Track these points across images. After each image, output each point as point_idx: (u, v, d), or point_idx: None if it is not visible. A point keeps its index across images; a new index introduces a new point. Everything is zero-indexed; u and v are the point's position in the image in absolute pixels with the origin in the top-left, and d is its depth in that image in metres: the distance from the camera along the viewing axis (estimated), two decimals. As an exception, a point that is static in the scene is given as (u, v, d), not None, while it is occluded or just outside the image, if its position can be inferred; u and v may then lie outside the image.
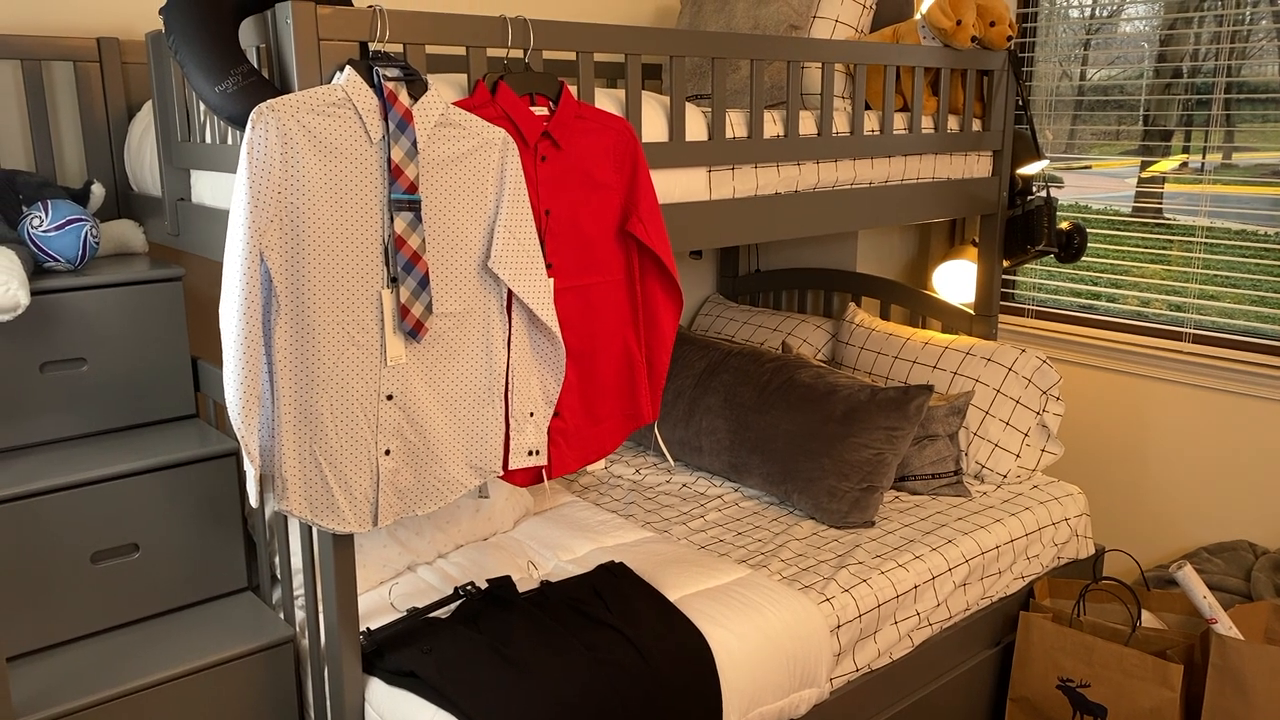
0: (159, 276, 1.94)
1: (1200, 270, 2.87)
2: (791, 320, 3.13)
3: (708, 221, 2.06)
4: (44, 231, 1.83)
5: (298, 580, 1.94)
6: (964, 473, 2.68)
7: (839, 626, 2.01)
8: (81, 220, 1.87)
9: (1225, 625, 2.17)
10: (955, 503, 2.53)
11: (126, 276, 1.90)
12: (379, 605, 1.95)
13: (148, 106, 2.15)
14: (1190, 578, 2.19)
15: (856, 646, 2.07)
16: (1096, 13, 3.06)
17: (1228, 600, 2.54)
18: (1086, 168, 3.12)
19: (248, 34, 1.58)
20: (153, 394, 1.98)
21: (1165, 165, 2.94)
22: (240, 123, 1.47)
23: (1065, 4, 3.11)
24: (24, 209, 1.89)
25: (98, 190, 2.05)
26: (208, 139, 1.78)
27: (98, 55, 2.15)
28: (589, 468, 1.88)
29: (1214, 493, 2.86)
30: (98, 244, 1.91)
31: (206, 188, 1.87)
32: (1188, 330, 2.91)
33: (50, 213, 1.84)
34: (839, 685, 2.06)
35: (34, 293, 1.80)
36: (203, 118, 1.79)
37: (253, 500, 1.49)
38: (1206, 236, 2.85)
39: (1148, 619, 2.40)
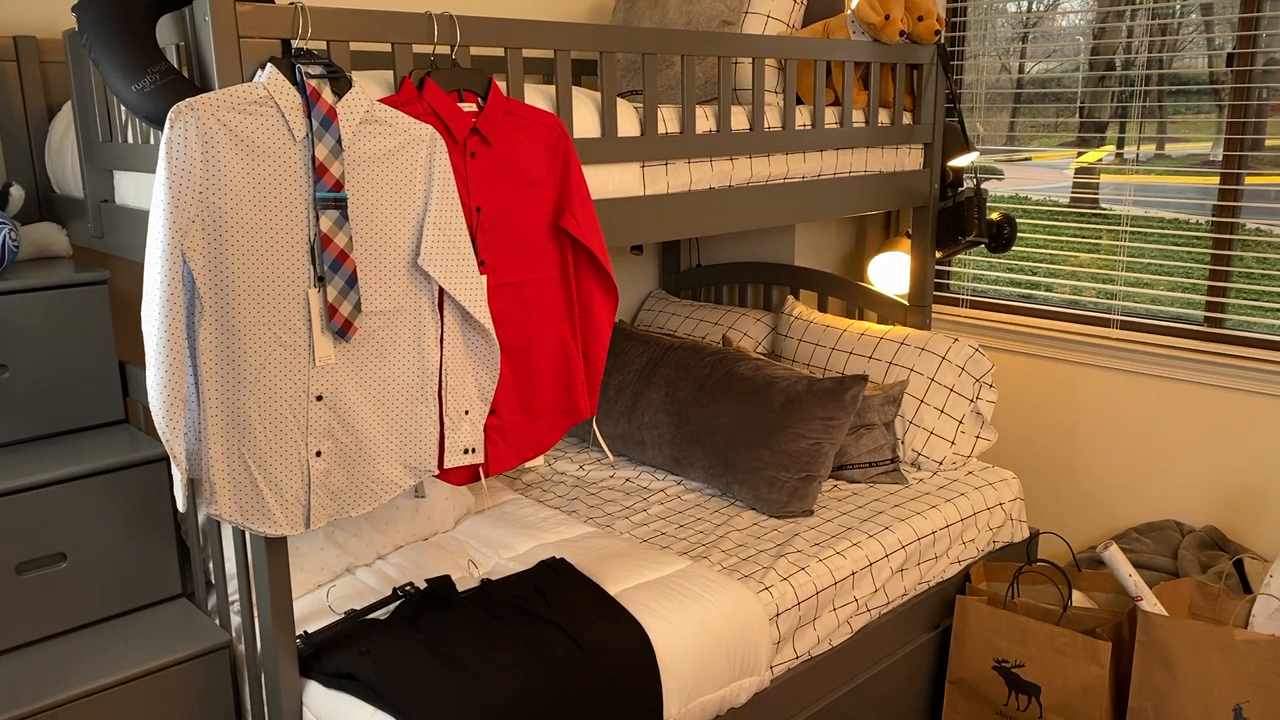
0: (83, 280, 1.90)
1: (1127, 259, 2.95)
2: (732, 314, 3.16)
3: (642, 217, 2.07)
4: (-40, 235, 1.78)
5: (232, 585, 1.92)
6: (900, 460, 2.73)
7: (778, 614, 2.04)
8: (-1, 223, 1.83)
9: (1150, 602, 2.23)
10: (892, 490, 2.57)
11: (49, 280, 1.86)
12: (317, 608, 1.93)
13: (68, 106, 2.11)
14: (1116, 557, 2.25)
15: (796, 634, 2.10)
16: (1033, 6, 3.12)
17: (1155, 578, 2.62)
18: (1026, 159, 3.18)
19: (165, 32, 1.56)
20: (80, 400, 1.94)
21: (1093, 156, 3.01)
22: (159, 122, 1.45)
23: (1000, -2, 3.17)
24: (-61, 213, 1.84)
25: (16, 193, 2.00)
26: (130, 139, 1.75)
27: (15, 54, 2.10)
28: (529, 464, 1.88)
29: (1142, 474, 2.94)
30: (17, 247, 1.87)
31: (130, 189, 1.83)
32: (1116, 317, 2.99)
33: (-34, 216, 1.80)
34: (779, 673, 2.08)
35: (-50, 298, 1.76)
36: (124, 117, 1.76)
37: (180, 505, 1.47)
38: (1135, 226, 2.93)
39: (1078, 599, 2.46)
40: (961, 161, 2.82)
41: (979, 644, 2.40)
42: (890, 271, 3.11)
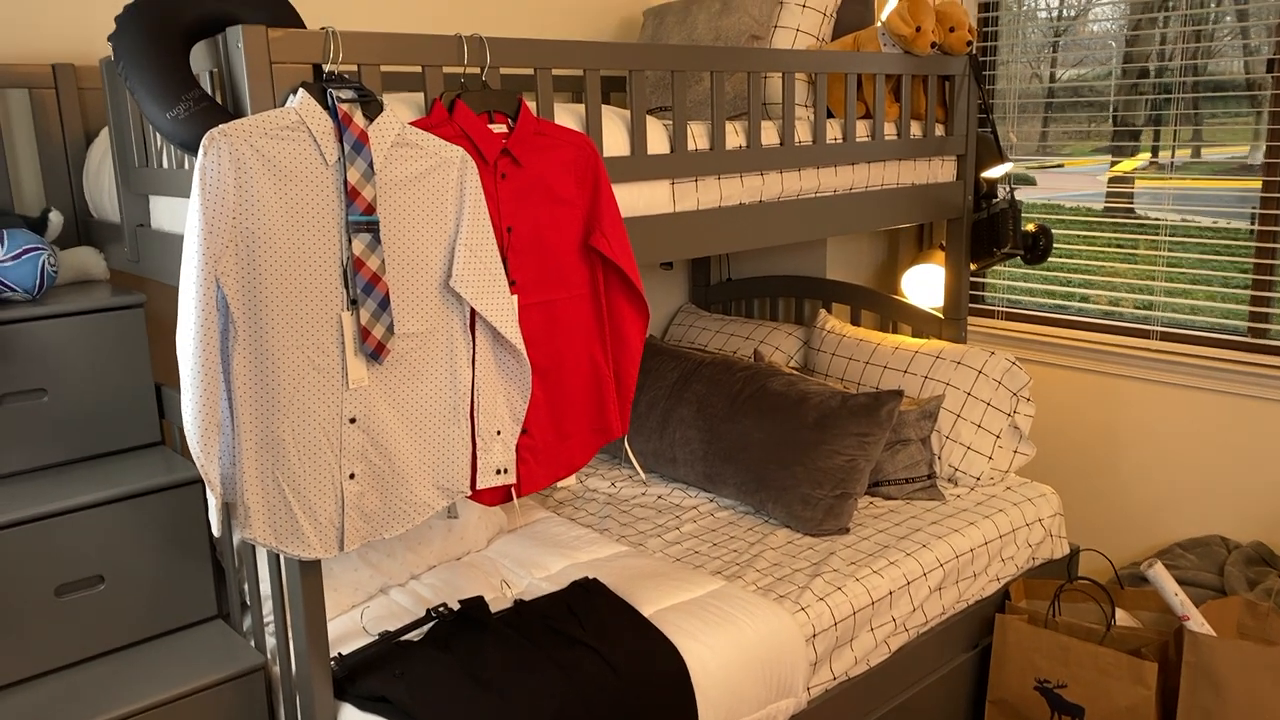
0: (119, 304, 1.92)
1: (1165, 268, 2.89)
2: (764, 328, 3.14)
3: (672, 234, 2.06)
4: None
5: (267, 606, 1.92)
6: (937, 476, 2.69)
7: (815, 635, 2.01)
8: (38, 249, 1.85)
9: (1197, 622, 2.18)
10: (929, 507, 2.54)
11: (85, 305, 1.88)
12: (351, 629, 1.93)
13: (105, 132, 2.14)
14: (1161, 575, 2.20)
15: (833, 655, 2.07)
16: (1064, 13, 3.08)
17: (1201, 595, 2.56)
18: (1059, 166, 3.14)
19: (200, 59, 1.57)
20: (116, 422, 1.95)
21: (1129, 165, 2.96)
22: (193, 148, 1.46)
23: (1032, 5, 3.13)
24: (-21, 239, 1.86)
25: (55, 218, 2.03)
26: (165, 164, 1.76)
27: (53, 82, 2.13)
28: (561, 483, 1.87)
29: (1186, 489, 2.88)
30: (55, 272, 1.89)
31: (165, 213, 1.85)
32: (1155, 328, 2.93)
33: (6, 243, 1.82)
34: (816, 694, 2.05)
35: (-10, 324, 1.78)
36: (159, 143, 1.77)
37: (215, 530, 1.47)
38: (1171, 235, 2.87)
39: (1122, 617, 2.41)
40: (995, 173, 2.79)
41: (1020, 664, 2.36)
42: (924, 284, 3.08)
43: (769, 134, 2.24)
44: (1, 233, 1.83)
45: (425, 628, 1.90)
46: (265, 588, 1.92)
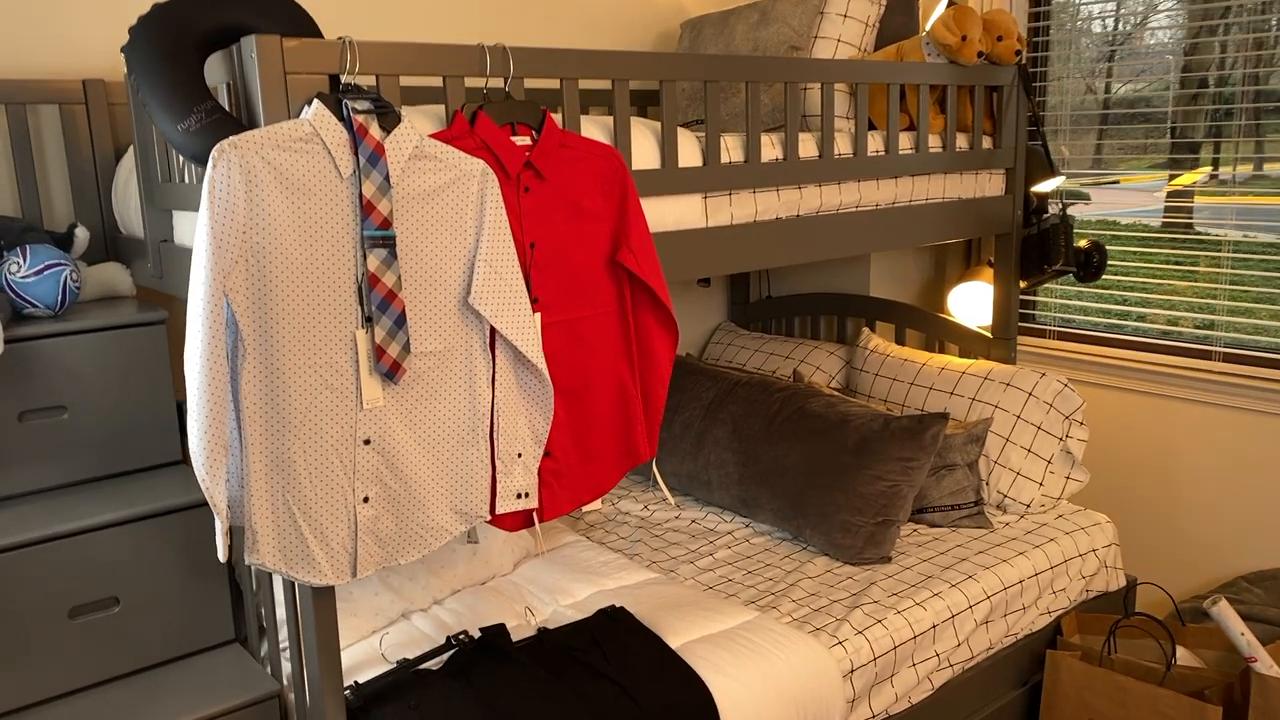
0: (140, 320, 1.89)
1: (1228, 286, 2.75)
2: (804, 347, 3.05)
3: (704, 249, 1.98)
4: (21, 277, 1.79)
5: (284, 632, 1.87)
6: (985, 503, 2.57)
7: (852, 671, 1.91)
8: (60, 265, 1.83)
9: (1265, 664, 2.04)
10: (976, 535, 2.42)
11: (106, 321, 1.86)
12: (371, 656, 1.88)
13: (134, 147, 2.12)
14: (1226, 614, 2.07)
15: (872, 692, 1.97)
16: (1120, 26, 2.97)
17: (1269, 633, 2.41)
18: (1114, 182, 3.01)
19: (215, 71, 1.54)
20: (137, 441, 1.92)
21: (1188, 179, 2.83)
22: (204, 161, 1.42)
23: (1088, 17, 3.02)
24: (4, 255, 1.85)
25: (81, 234, 2.02)
26: (187, 179, 1.73)
27: (84, 97, 2.13)
28: (588, 507, 1.81)
29: (1251, 519, 2.72)
30: (78, 289, 1.87)
31: (187, 228, 1.82)
32: (1217, 349, 2.79)
33: (29, 258, 1.81)
34: (854, 733, 1.95)
35: (10, 340, 1.76)
36: (182, 158, 1.75)
37: (220, 555, 1.42)
38: (1234, 251, 2.74)
39: (1183, 656, 2.27)
40: (1046, 187, 2.68)
41: (1072, 704, 2.23)
42: (972, 302, 2.96)
43: (807, 146, 2.16)
44: (24, 249, 1.82)
45: (444, 656, 1.83)
46: (282, 612, 1.87)
